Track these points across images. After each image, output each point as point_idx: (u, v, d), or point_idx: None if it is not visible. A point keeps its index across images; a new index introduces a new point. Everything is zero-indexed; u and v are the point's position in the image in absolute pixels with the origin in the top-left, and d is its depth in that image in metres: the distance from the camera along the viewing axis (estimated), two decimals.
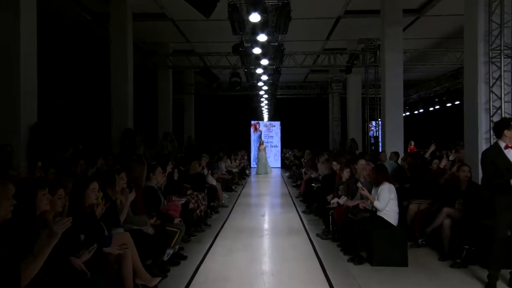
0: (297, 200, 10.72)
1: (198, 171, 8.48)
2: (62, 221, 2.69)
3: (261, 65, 11.76)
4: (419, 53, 15.14)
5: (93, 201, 3.70)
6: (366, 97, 14.63)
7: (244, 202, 10.80)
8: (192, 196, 7.25)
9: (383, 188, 5.35)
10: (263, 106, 21.81)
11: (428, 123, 23.19)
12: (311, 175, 10.37)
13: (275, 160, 23.20)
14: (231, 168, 14.33)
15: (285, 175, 18.22)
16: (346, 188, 6.55)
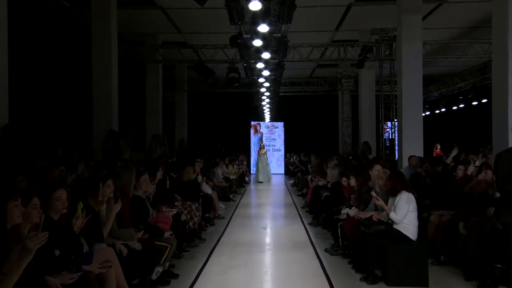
0: (303, 211, 10.72)
1: (192, 178, 8.48)
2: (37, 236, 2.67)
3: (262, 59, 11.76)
4: (440, 45, 15.13)
5: (60, 211, 3.65)
6: (381, 95, 14.63)
7: (243, 213, 10.79)
8: (185, 206, 7.24)
9: (401, 198, 5.33)
10: (265, 105, 21.82)
11: (451, 124, 23.19)
12: (319, 182, 10.37)
13: (277, 165, 23.21)
14: (228, 174, 14.34)
15: (289, 183, 18.21)
16: (357, 197, 6.54)
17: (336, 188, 7.78)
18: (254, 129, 23.37)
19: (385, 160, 10.43)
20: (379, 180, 6.02)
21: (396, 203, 5.33)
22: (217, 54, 14.70)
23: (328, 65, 18.73)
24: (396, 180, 5.45)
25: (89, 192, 4.43)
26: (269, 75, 14.48)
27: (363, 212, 5.95)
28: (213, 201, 9.44)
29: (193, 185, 8.38)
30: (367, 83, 16.46)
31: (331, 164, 9.64)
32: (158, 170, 6.84)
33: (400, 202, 5.31)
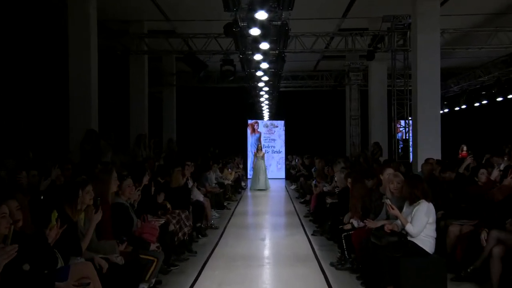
0: (306, 220, 10.73)
1: (181, 183, 8.48)
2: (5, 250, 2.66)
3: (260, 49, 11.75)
4: (461, 34, 15.14)
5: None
6: (393, 90, 14.65)
7: (239, 222, 10.80)
8: (173, 215, 7.23)
9: (420, 208, 5.30)
10: (263, 101, 21.79)
11: (473, 122, 23.24)
12: (324, 188, 10.38)
13: (277, 169, 23.24)
14: (222, 179, 14.34)
15: (291, 189, 18.21)
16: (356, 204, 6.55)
17: (344, 194, 7.79)
18: (252, 129, 23.38)
19: (398, 163, 10.44)
20: (390, 184, 6.02)
21: (414, 214, 5.30)
22: (210, 45, 14.69)
23: (334, 56, 18.71)
24: (415, 186, 5.40)
25: (65, 200, 4.42)
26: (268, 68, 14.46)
27: (373, 221, 5.94)
28: (205, 209, 9.45)
29: (182, 191, 8.38)
30: (378, 77, 16.48)
31: (337, 167, 9.67)
32: (144, 175, 6.84)
33: (418, 214, 5.28)
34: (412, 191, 5.39)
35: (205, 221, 9.54)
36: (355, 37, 14.58)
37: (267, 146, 23.09)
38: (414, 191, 5.37)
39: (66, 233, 4.02)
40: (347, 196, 7.44)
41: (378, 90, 16.40)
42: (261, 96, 20.06)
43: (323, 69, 21.78)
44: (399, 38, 14.13)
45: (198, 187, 10.33)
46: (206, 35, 14.48)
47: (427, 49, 11.10)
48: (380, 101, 16.30)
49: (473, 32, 15.02)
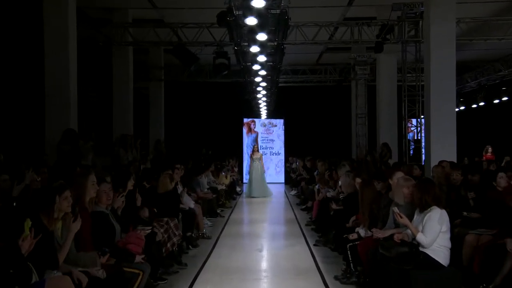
0: (308, 229, 10.72)
1: (169, 188, 8.46)
2: None
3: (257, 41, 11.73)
4: (479, 23, 15.15)
5: None
6: (404, 85, 14.67)
7: (233, 231, 10.79)
8: (161, 223, 7.20)
9: (432, 215, 5.30)
10: (260, 98, 21.77)
11: (491, 121, 23.30)
12: (327, 193, 10.38)
13: (276, 172, 23.23)
14: (215, 184, 14.32)
15: (291, 194, 18.20)
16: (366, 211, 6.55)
17: (350, 200, 7.79)
18: (248, 128, 23.36)
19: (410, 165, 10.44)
20: (402, 188, 6.00)
21: (425, 222, 5.29)
22: (202, 35, 14.67)
23: (339, 48, 18.72)
24: (425, 192, 5.39)
25: (41, 207, 4.40)
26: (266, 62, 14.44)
27: (381, 230, 5.94)
28: (197, 217, 9.44)
29: (171, 197, 8.36)
30: (386, 71, 16.51)
31: (342, 171, 9.65)
32: (129, 179, 6.82)
33: (430, 221, 5.27)
34: (422, 196, 5.38)
35: (196, 230, 9.52)
36: (361, 27, 14.59)
37: (265, 147, 23.08)
38: (425, 196, 5.36)
39: (41, 244, 4.00)
40: (353, 203, 7.43)
41: (387, 86, 16.42)
42: (258, 92, 20.02)
43: (326, 63, 21.80)
44: (411, 28, 14.14)
45: (188, 192, 10.30)
46: (197, 25, 14.46)
47: (441, 40, 11.12)
48: (389, 97, 16.32)
49: (492, 21, 15.02)
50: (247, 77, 17.16)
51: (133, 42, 15.28)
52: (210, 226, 11.04)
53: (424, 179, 6.18)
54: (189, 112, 23.79)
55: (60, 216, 4.61)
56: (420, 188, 5.48)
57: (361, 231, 6.53)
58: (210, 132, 23.63)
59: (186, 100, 23.48)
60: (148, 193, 8.02)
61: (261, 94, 20.43)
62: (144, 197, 7.41)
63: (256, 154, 18.18)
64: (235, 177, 19.02)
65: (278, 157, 23.47)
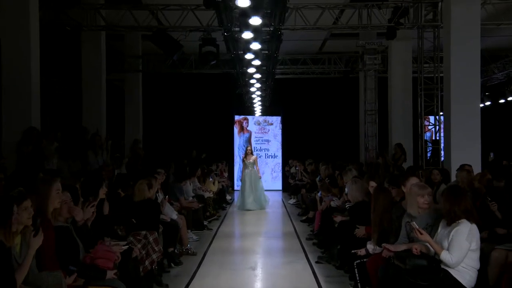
0: (309, 244, 10.74)
1: (147, 196, 8.43)
2: None
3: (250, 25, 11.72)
4: (508, 5, 15.17)
5: None
6: (420, 77, 14.69)
7: (223, 246, 10.77)
8: (138, 238, 7.19)
9: (461, 230, 5.26)
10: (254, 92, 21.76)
11: None
12: (331, 202, 10.39)
13: (273, 178, 23.25)
14: (202, 191, 14.30)
15: (289, 203, 18.19)
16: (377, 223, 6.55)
17: (359, 210, 7.79)
18: (239, 127, 23.38)
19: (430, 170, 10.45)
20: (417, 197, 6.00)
21: (452, 238, 5.27)
22: (186, 19, 14.64)
23: (345, 35, 18.72)
24: (455, 202, 5.36)
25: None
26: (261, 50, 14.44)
27: (393, 245, 5.95)
28: (180, 230, 9.42)
29: (149, 206, 8.31)
30: (400, 61, 16.52)
31: (349, 176, 9.65)
32: (101, 187, 6.79)
33: (458, 237, 5.24)
34: (452, 208, 5.34)
35: (180, 245, 9.51)
36: (371, 9, 14.59)
37: (259, 149, 23.11)
38: (455, 208, 5.32)
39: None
40: (362, 213, 7.43)
41: (400, 78, 16.43)
42: (251, 86, 19.99)
43: (330, 51, 21.79)
44: (428, 11, 14.17)
45: (170, 201, 10.27)
46: (180, 7, 14.42)
47: (464, 24, 11.14)
48: (403, 91, 16.34)
49: None
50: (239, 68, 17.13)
51: (106, 26, 15.19)
52: (196, 241, 11.03)
53: (453, 186, 6.17)
54: (171, 108, 23.69)
55: (19, 230, 4.58)
56: (449, 198, 5.44)
57: (370, 246, 6.54)
58: (195, 132, 23.54)
59: (167, 95, 23.41)
60: (124, 202, 7.99)
61: (255, 88, 20.38)
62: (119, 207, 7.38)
63: (249, 157, 17.63)
64: (224, 183, 19.00)
65: (275, 160, 23.50)
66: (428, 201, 5.88)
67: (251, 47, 13.57)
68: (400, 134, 16.00)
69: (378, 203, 6.68)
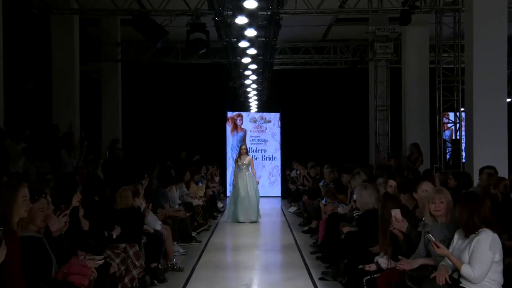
0: (311, 257, 10.71)
1: (130, 204, 8.43)
2: None
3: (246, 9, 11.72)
4: None
5: None
6: (437, 68, 14.71)
7: (213, 261, 10.73)
8: (117, 251, 7.17)
9: (482, 240, 5.27)
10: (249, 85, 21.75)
11: None
12: (338, 210, 10.39)
13: (270, 183, 23.24)
14: (190, 198, 14.27)
15: (289, 212, 18.17)
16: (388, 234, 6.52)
17: (368, 219, 7.77)
18: (233, 124, 23.35)
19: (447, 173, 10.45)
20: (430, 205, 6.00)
21: (473, 249, 5.28)
22: (172, 1, 14.63)
23: (353, 20, 18.78)
24: (474, 210, 5.37)
25: None
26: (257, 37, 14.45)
27: (408, 260, 5.94)
28: (165, 243, 9.38)
29: (131, 215, 8.30)
30: (415, 50, 16.53)
31: (357, 180, 9.64)
32: (75, 193, 6.74)
33: (479, 248, 5.25)
34: (470, 217, 5.35)
35: (164, 259, 9.47)
36: None
37: (255, 150, 23.08)
38: (474, 217, 5.33)
39: None
40: (372, 223, 7.42)
41: (416, 69, 16.44)
42: (246, 78, 20.00)
43: (336, 39, 21.79)
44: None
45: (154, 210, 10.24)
46: None
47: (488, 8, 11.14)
48: (419, 84, 16.33)
49: None
50: (232, 58, 17.14)
51: (79, 9, 15.15)
52: (183, 254, 10.99)
53: (470, 193, 6.17)
54: (154, 103, 23.60)
55: None
56: (465, 206, 5.44)
57: (382, 260, 6.53)
58: (182, 130, 23.48)
59: (150, 88, 23.32)
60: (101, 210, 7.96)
61: (250, 80, 20.39)
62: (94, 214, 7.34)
63: (243, 157, 16.78)
64: (216, 189, 18.96)
65: (273, 162, 23.49)
66: (440, 208, 5.88)
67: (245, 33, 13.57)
68: (416, 133, 16.01)
69: (387, 211, 6.71)
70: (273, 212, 18.65)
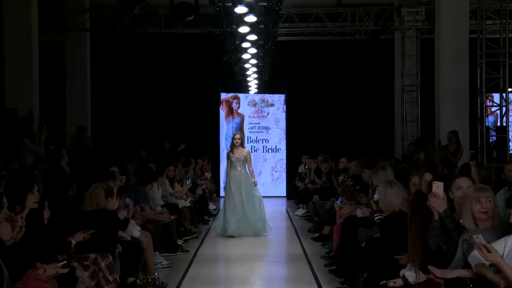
0: (324, 271, 10.71)
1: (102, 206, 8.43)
2: None
3: None
4: None
5: None
6: (480, 39, 14.69)
7: (203, 276, 10.75)
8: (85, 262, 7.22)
9: None
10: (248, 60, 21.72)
11: None
12: (356, 212, 10.41)
13: (273, 180, 23.27)
14: (176, 198, 14.26)
15: (297, 215, 18.18)
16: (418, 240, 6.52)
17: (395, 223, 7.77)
18: (228, 108, 23.36)
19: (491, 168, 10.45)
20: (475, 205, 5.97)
21: None
22: None
23: None
24: None
25: None
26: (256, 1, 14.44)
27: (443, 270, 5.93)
28: (145, 252, 9.39)
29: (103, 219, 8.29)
30: (452, 16, 16.46)
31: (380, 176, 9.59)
32: (29, 191, 6.74)
33: None
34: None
35: (144, 273, 9.50)
36: None
37: (255, 139, 23.10)
38: None
39: None
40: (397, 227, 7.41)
41: (452, 40, 16.37)
42: (244, 51, 19.99)
43: (354, 3, 21.79)
44: None
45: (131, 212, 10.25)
46: None
47: None
48: (456, 59, 16.25)
49: None
50: (226, 27, 17.12)
51: None
52: (167, 267, 11.01)
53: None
54: (131, 82, 23.53)
55: None
56: None
57: (409, 273, 6.53)
58: (166, 116, 23.45)
59: (126, 63, 23.22)
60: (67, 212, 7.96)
61: (249, 54, 20.38)
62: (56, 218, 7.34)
63: (238, 151, 15.31)
64: (207, 187, 18.94)
65: (277, 155, 23.49)
66: (487, 208, 5.87)
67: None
68: (452, 119, 15.93)
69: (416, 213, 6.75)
70: (277, 215, 18.66)
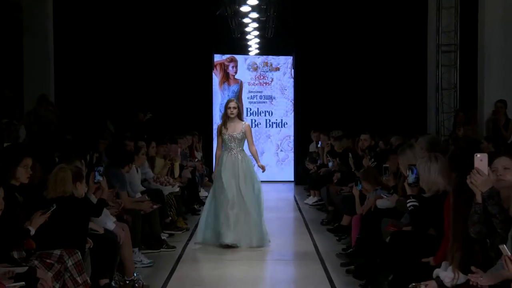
0: (340, 271, 10.76)
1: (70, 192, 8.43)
2: None
3: None
4: None
5: None
6: None
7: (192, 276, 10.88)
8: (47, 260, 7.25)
9: None
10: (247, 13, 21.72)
11: None
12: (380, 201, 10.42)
13: (278, 162, 23.27)
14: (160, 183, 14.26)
15: (307, 204, 18.20)
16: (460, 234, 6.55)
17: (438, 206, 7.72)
18: (223, 73, 23.35)
19: None
20: None
21: None
22: None
23: None
24: None
25: None
26: None
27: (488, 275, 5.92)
28: (121, 249, 9.44)
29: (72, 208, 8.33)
30: None
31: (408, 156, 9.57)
32: None
33: None
34: None
35: (120, 274, 9.57)
36: None
37: (256, 112, 23.11)
38: None
39: None
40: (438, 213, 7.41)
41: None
42: (242, 3, 19.99)
43: None
44: None
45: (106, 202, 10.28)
46: None
47: None
48: (505, 12, 16.23)
49: None
50: None
51: None
52: (148, 266, 11.06)
53: None
54: (104, 43, 23.51)
55: None
56: None
57: (445, 274, 6.56)
58: (147, 83, 23.45)
59: (98, 18, 23.18)
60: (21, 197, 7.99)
61: (249, 7, 20.39)
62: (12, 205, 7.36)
63: (232, 125, 13.31)
64: (197, 169, 18.96)
65: (283, 131, 23.53)
66: None
67: None
68: (499, 87, 15.95)
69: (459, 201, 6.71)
70: (283, 204, 18.76)
